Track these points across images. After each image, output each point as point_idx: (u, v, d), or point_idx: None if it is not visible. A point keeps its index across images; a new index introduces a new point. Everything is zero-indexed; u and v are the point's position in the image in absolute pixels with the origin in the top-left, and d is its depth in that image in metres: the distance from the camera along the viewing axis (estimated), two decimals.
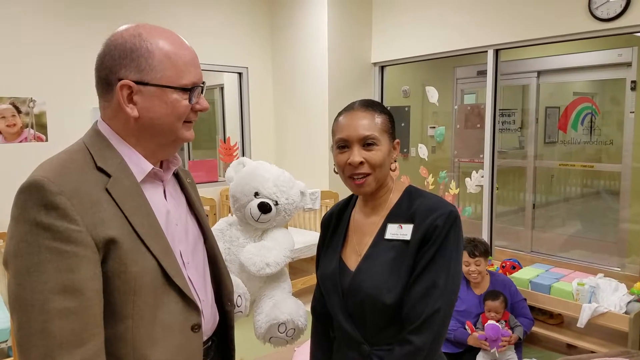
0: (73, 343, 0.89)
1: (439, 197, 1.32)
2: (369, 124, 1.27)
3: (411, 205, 1.29)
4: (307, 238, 4.25)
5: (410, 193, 1.34)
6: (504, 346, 2.84)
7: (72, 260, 0.90)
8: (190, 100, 1.05)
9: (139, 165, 1.05)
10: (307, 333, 1.72)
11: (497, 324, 2.88)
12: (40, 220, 0.89)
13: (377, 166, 1.26)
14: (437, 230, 1.22)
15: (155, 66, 1.00)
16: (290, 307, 1.82)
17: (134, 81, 0.99)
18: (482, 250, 3.09)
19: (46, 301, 0.88)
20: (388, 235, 1.28)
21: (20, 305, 0.89)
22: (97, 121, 1.08)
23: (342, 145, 1.29)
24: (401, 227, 1.27)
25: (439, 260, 1.21)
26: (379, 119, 1.28)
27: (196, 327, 1.08)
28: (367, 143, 1.26)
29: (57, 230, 0.90)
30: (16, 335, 0.90)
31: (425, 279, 1.20)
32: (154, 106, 1.02)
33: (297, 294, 2.07)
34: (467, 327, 2.96)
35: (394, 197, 1.34)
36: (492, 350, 2.83)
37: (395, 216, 1.30)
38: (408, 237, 1.25)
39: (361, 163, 1.25)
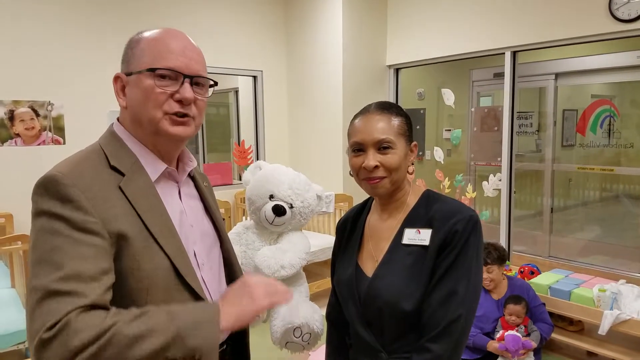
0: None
1: (458, 202, 1.29)
2: (384, 127, 1.24)
3: (429, 209, 1.26)
4: (321, 241, 4.22)
5: (429, 197, 1.31)
6: (524, 354, 2.80)
7: (89, 249, 0.90)
8: (156, 82, 1.00)
9: (153, 165, 1.06)
10: (324, 338, 1.70)
11: (517, 334, 2.83)
12: (56, 212, 0.90)
13: (393, 169, 1.24)
14: (457, 235, 1.19)
15: (136, 54, 1.03)
16: (305, 311, 1.80)
17: (124, 73, 1.04)
18: (496, 257, 3.03)
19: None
20: (405, 240, 1.25)
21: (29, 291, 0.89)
22: (112, 123, 1.10)
23: (357, 148, 1.27)
24: (419, 232, 1.24)
25: (459, 266, 1.18)
26: (395, 122, 1.26)
27: None
28: (382, 147, 1.24)
29: (73, 220, 0.90)
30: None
31: (445, 285, 1.18)
32: (133, 94, 1.04)
33: (312, 298, 2.05)
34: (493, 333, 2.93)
35: (411, 201, 1.31)
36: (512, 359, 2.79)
37: (412, 221, 1.28)
38: (427, 243, 1.22)
39: (376, 167, 1.23)
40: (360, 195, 1.36)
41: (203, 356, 0.89)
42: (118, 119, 1.10)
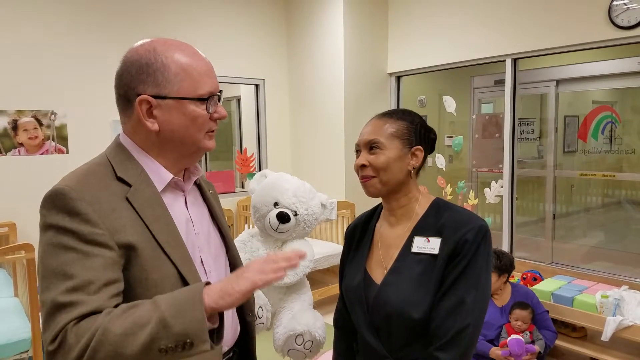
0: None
1: (468, 211, 1.30)
2: (375, 130, 1.30)
3: (439, 218, 1.27)
4: (324, 249, 4.23)
5: (439, 206, 1.31)
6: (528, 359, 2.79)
7: (97, 260, 0.91)
8: (208, 109, 1.06)
9: (160, 175, 1.07)
10: (326, 345, 1.70)
11: (521, 337, 2.83)
12: (64, 225, 0.92)
13: (380, 169, 1.27)
14: (467, 245, 1.19)
15: (172, 79, 1.01)
16: (307, 318, 1.80)
17: (152, 95, 1.01)
18: (500, 264, 3.01)
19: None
20: (415, 249, 1.26)
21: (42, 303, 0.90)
22: (119, 135, 1.11)
23: (356, 150, 1.35)
24: (428, 241, 1.25)
25: (468, 275, 1.18)
26: (392, 125, 1.29)
27: None
28: (371, 147, 1.29)
29: (81, 233, 0.92)
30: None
31: (453, 294, 1.18)
32: (174, 119, 1.03)
33: (315, 306, 2.05)
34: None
35: (420, 210, 1.32)
36: None
37: (422, 229, 1.28)
38: (436, 251, 1.23)
39: (364, 165, 1.29)
40: (362, 203, 1.37)
41: (193, 340, 0.86)
42: (124, 132, 1.10)
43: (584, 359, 3.27)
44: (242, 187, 5.18)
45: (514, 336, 2.84)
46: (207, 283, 0.94)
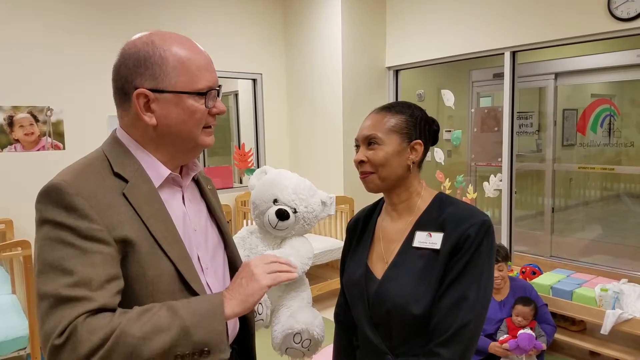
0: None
1: (471, 206, 1.28)
2: (373, 125, 1.28)
3: (441, 213, 1.25)
4: (322, 244, 4.22)
5: (441, 200, 1.30)
6: (530, 355, 2.80)
7: (96, 257, 0.90)
8: (206, 104, 1.04)
9: (157, 170, 1.05)
10: (324, 344, 1.69)
11: (532, 333, 2.83)
12: (60, 221, 0.90)
13: (379, 165, 1.25)
14: (469, 240, 1.17)
15: (170, 72, 1.00)
16: (306, 316, 1.78)
17: (149, 89, 0.99)
18: (503, 255, 3.06)
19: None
20: (416, 243, 1.25)
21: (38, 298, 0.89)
22: (115, 129, 1.09)
23: (356, 145, 1.33)
24: (430, 236, 1.23)
25: (470, 271, 1.17)
26: (390, 120, 1.27)
27: None
28: (369, 142, 1.27)
29: (79, 229, 0.90)
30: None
31: (455, 290, 1.17)
32: (171, 113, 1.01)
33: (313, 301, 2.04)
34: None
35: (422, 204, 1.30)
36: (518, 357, 2.79)
37: (424, 223, 1.27)
38: (438, 246, 1.21)
39: (362, 162, 1.27)
40: (360, 197, 1.36)
41: (212, 348, 0.90)
42: (120, 126, 1.08)
43: (583, 353, 3.27)
44: (241, 182, 5.16)
45: (526, 330, 2.83)
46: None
